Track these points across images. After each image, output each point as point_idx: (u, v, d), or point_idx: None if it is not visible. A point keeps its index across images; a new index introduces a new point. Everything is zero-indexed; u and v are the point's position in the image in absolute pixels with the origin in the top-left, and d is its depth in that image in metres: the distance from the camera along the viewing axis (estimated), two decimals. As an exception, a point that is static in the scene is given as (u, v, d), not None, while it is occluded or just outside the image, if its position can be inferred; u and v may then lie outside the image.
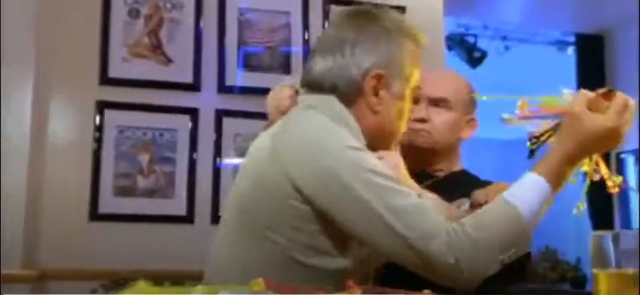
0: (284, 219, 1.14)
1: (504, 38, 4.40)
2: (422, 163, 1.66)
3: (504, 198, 1.09)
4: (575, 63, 4.00)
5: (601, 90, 1.14)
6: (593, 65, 3.94)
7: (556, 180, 1.11)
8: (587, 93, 1.15)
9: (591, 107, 1.12)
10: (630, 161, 3.75)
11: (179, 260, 2.54)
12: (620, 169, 3.79)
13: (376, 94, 1.21)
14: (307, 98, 1.25)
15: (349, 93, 1.21)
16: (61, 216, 2.52)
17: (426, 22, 3.05)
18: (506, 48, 4.43)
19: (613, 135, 1.11)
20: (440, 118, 1.68)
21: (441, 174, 1.70)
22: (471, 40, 4.27)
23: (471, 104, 1.73)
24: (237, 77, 2.79)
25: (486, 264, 1.05)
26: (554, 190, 1.11)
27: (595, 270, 0.76)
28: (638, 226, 3.66)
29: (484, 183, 1.64)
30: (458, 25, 4.26)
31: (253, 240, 1.18)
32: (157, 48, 2.72)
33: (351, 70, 1.21)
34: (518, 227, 1.07)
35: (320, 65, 1.24)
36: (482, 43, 4.33)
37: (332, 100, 1.21)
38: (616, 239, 0.77)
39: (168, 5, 2.74)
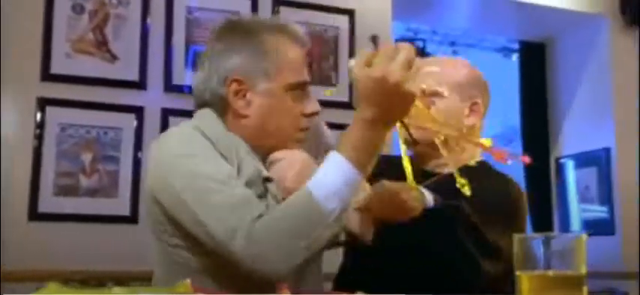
0: (155, 220, 1.21)
1: (452, 43, 4.47)
2: (423, 159, 1.58)
3: (306, 186, 1.06)
4: (519, 69, 4.11)
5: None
6: (535, 72, 4.05)
7: (359, 154, 1.06)
8: (364, 52, 1.06)
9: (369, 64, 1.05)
10: (570, 165, 3.86)
11: (123, 260, 2.50)
12: (560, 174, 3.90)
13: (243, 97, 1.22)
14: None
15: (217, 104, 1.24)
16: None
17: (375, 26, 3.10)
18: (454, 53, 4.51)
19: (389, 85, 1.00)
20: (432, 109, 1.55)
21: (449, 170, 1.55)
22: (420, 44, 4.32)
23: (472, 86, 1.61)
24: (185, 76, 2.76)
25: (289, 254, 1.04)
26: (361, 163, 1.06)
27: (518, 272, 0.78)
28: (577, 228, 3.79)
29: (498, 178, 1.56)
30: (407, 30, 4.32)
31: (154, 240, 1.25)
32: (101, 44, 2.67)
33: (213, 81, 1.23)
34: (313, 212, 1.04)
35: (195, 81, 1.29)
36: (431, 48, 4.39)
37: (204, 113, 1.25)
38: (546, 241, 0.79)
39: (114, 1, 2.70)
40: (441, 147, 1.46)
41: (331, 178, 1.05)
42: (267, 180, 1.16)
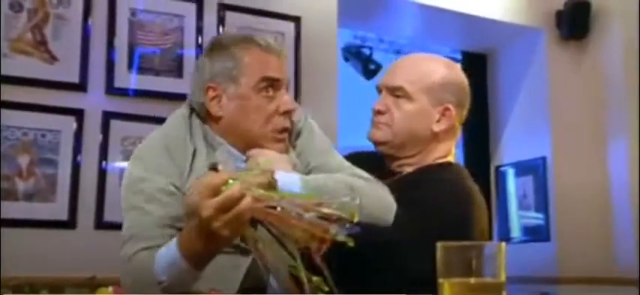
0: None
1: (398, 52, 4.54)
2: (389, 159, 1.56)
3: (167, 247, 1.19)
4: (461, 79, 4.22)
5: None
6: (477, 82, 4.16)
7: (188, 253, 1.14)
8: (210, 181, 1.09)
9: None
10: (510, 173, 3.97)
11: (60, 266, 2.44)
12: (500, 182, 4.01)
13: (219, 102, 1.38)
14: None
15: (201, 110, 1.41)
16: None
17: (321, 32, 3.13)
18: (400, 61, 4.59)
19: (200, 218, 1.06)
20: (399, 109, 1.55)
21: (408, 169, 1.56)
22: (367, 52, 4.38)
23: (443, 91, 1.54)
24: (127, 79, 2.72)
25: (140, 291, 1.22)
26: (188, 261, 1.14)
27: (440, 279, 0.81)
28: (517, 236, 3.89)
29: (440, 189, 1.46)
30: (354, 37, 4.36)
31: None
32: (41, 44, 2.61)
33: (196, 91, 1.42)
34: (152, 276, 1.19)
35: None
36: (377, 56, 4.45)
37: (174, 115, 1.44)
38: (467, 249, 0.82)
39: (55, 1, 2.63)
40: (408, 146, 1.55)
41: (165, 258, 1.18)
42: (214, 168, 1.17)
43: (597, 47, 3.85)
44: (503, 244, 0.81)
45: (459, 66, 1.70)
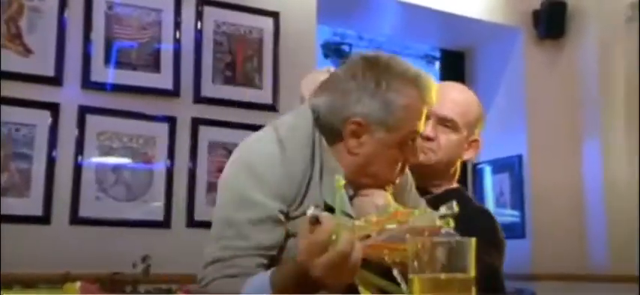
0: None
1: (378, 49, 4.56)
2: (423, 179, 1.62)
3: (258, 279, 1.13)
4: (440, 77, 4.24)
5: None
6: (455, 79, 4.14)
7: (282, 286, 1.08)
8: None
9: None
10: (487, 170, 4.01)
11: (34, 262, 2.41)
12: (478, 179, 4.05)
13: (358, 138, 1.28)
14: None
15: (330, 133, 1.29)
16: None
17: (300, 28, 3.12)
18: (379, 59, 4.61)
19: (349, 262, 0.99)
20: (446, 137, 1.68)
21: (438, 191, 1.69)
22: (347, 49, 4.39)
23: (477, 125, 1.73)
24: (104, 73, 2.69)
25: None
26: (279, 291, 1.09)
27: (410, 275, 0.82)
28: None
29: (475, 206, 1.70)
30: (334, 34, 4.37)
31: None
32: (15, 37, 2.57)
33: (336, 113, 1.28)
34: None
35: (319, 99, 1.32)
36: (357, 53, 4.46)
37: (302, 129, 1.30)
38: (439, 245, 0.83)
39: (30, -7, 2.60)
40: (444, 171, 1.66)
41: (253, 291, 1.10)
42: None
43: (573, 47, 3.90)
44: (474, 240, 0.82)
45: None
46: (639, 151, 3.62)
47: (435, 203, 1.42)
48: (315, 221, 0.97)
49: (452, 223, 1.02)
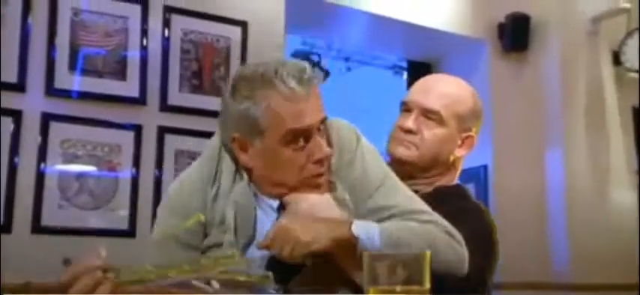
0: None
1: (347, 59, 4.58)
2: (406, 176, 1.50)
3: None
4: (407, 87, 4.29)
5: None
6: (422, 90, 4.25)
7: None
8: None
9: None
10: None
11: (-7, 271, 2.37)
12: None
13: (245, 152, 1.30)
14: None
15: (232, 155, 1.34)
16: None
17: (268, 37, 3.13)
18: (348, 69, 4.63)
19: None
20: (430, 132, 1.57)
21: (428, 189, 1.58)
22: (315, 58, 4.40)
23: (471, 119, 1.62)
24: (69, 80, 2.66)
25: None
26: None
27: (367, 287, 0.83)
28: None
29: (467, 205, 1.55)
30: (303, 44, 4.38)
31: None
32: (-24, 43, 2.52)
33: (224, 136, 1.33)
34: None
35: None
36: (325, 63, 4.48)
37: (206, 154, 1.40)
38: (394, 258, 0.84)
39: (-8, -2, 2.56)
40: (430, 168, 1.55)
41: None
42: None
43: (537, 59, 3.98)
44: (428, 253, 0.83)
45: (477, 94, 1.73)
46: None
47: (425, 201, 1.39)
48: (67, 262, 1.09)
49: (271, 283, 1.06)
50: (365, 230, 1.22)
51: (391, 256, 0.83)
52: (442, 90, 1.62)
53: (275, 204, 1.31)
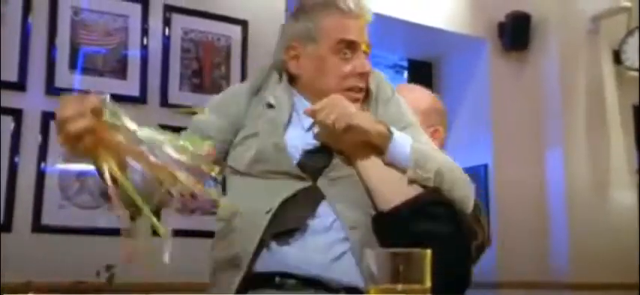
0: None
1: (347, 58, 4.59)
2: None
3: None
4: (407, 86, 4.31)
5: None
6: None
7: None
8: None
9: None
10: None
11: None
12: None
13: (296, 60, 1.48)
14: None
15: (282, 67, 1.52)
16: None
17: (269, 36, 3.11)
18: (348, 67, 4.63)
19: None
20: None
21: None
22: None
23: (432, 114, 1.77)
24: (69, 79, 2.66)
25: None
26: None
27: (368, 287, 0.83)
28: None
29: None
30: (303, 42, 4.39)
31: None
32: (-23, 42, 2.52)
33: (279, 50, 1.52)
34: None
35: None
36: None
37: (255, 73, 1.57)
38: (394, 256, 0.84)
39: (-8, -3, 2.56)
40: None
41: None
42: (270, 106, 1.47)
43: (537, 58, 3.99)
44: (429, 251, 0.83)
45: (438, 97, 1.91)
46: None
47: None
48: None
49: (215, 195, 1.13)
50: (400, 135, 1.38)
51: (392, 253, 0.83)
52: (402, 93, 1.76)
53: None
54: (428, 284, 0.83)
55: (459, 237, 1.36)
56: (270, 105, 1.45)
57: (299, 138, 1.42)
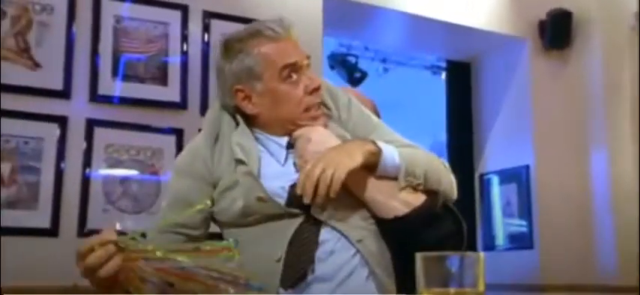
0: None
1: (384, 60, 4.56)
2: None
3: None
4: (446, 87, 4.25)
5: None
6: (461, 89, 4.20)
7: None
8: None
9: None
10: (495, 181, 4.00)
11: (42, 274, 2.42)
12: (485, 189, 4.03)
13: (249, 100, 1.44)
14: None
15: (233, 109, 1.48)
16: None
17: (306, 40, 3.09)
18: (385, 70, 4.60)
19: None
20: None
21: None
22: (352, 60, 4.39)
23: (370, 107, 1.80)
24: (111, 86, 2.71)
25: None
26: None
27: (420, 290, 0.82)
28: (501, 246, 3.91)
29: None
30: (340, 45, 4.37)
31: None
32: (24, 51, 2.59)
33: (225, 95, 1.48)
34: None
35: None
36: (362, 64, 4.46)
37: (207, 119, 1.52)
38: (447, 260, 0.83)
39: (38, 7, 2.62)
40: None
41: None
42: (240, 162, 1.40)
43: (579, 57, 3.90)
44: (482, 254, 0.81)
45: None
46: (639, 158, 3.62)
47: None
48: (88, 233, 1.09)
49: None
50: (384, 146, 1.38)
51: (444, 257, 0.82)
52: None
53: (283, 141, 1.45)
54: (482, 287, 0.81)
55: (459, 234, 1.41)
56: (240, 161, 1.40)
57: (278, 176, 1.40)
